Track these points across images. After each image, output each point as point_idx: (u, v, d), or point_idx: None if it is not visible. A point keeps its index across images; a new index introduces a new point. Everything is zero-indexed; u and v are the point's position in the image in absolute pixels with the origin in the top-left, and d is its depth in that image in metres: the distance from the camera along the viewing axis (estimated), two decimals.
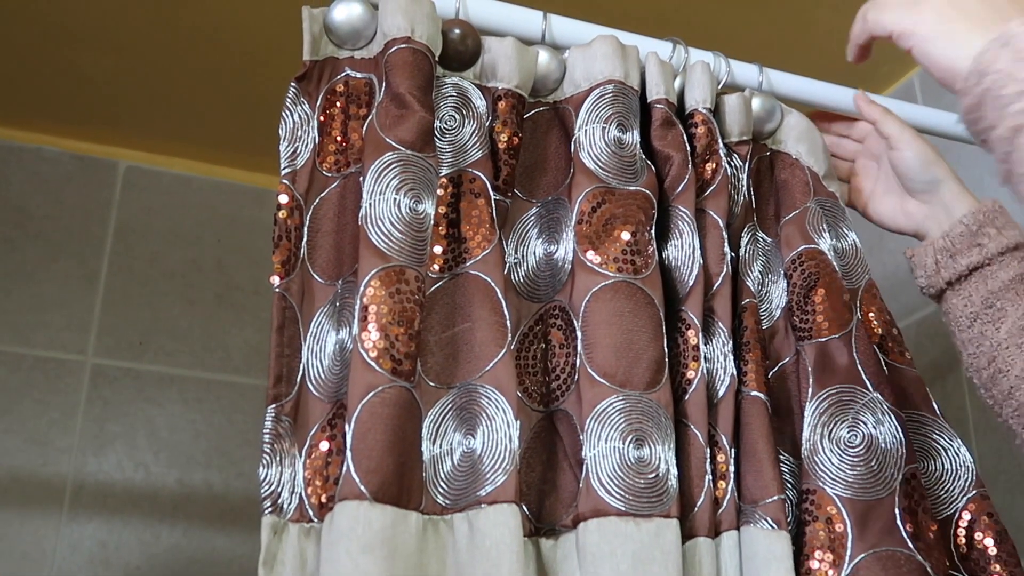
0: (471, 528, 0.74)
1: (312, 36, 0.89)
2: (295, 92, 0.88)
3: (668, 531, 0.77)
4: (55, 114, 1.74)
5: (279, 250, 0.84)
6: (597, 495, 0.76)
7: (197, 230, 1.84)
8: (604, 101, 0.91)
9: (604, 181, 0.88)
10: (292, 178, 0.86)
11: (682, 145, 0.92)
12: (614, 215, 0.86)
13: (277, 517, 0.77)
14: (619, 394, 0.80)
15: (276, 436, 0.79)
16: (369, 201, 0.79)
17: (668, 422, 0.81)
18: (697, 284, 0.88)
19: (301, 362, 0.82)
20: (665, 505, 0.77)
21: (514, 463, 0.76)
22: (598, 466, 0.77)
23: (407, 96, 0.83)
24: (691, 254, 0.89)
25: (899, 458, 0.87)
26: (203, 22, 1.51)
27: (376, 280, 0.77)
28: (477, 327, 0.81)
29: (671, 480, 0.79)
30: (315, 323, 0.82)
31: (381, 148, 0.81)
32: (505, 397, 0.78)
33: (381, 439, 0.73)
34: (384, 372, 0.74)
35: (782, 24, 1.50)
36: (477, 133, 0.88)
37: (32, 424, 1.65)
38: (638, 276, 0.85)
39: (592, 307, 0.83)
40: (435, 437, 0.79)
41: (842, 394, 0.89)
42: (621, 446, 0.78)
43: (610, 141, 0.89)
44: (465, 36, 0.90)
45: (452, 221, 0.85)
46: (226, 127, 1.77)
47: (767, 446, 0.85)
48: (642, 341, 0.82)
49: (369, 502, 0.71)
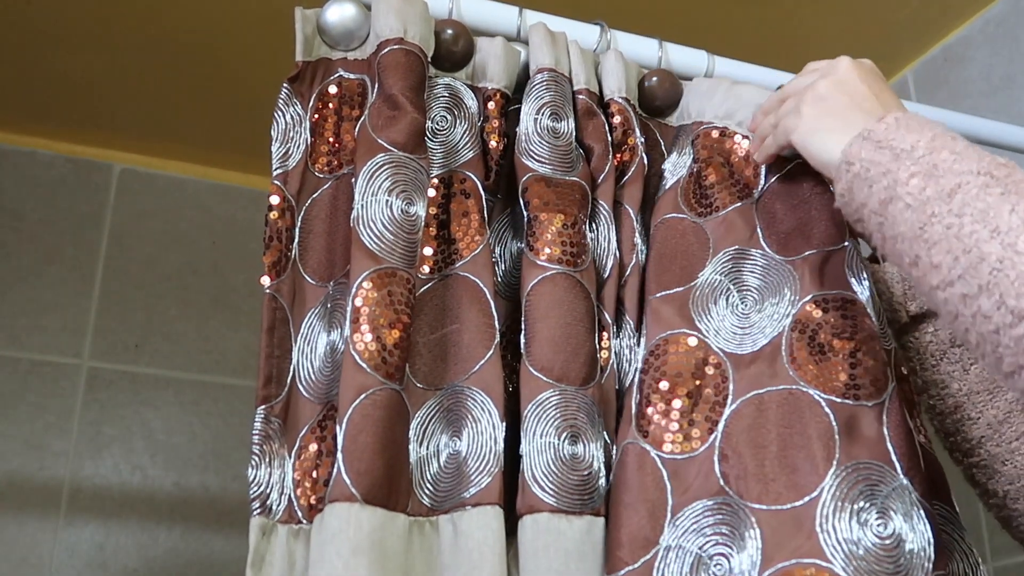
0: (455, 530, 0.74)
1: (305, 37, 0.89)
2: (287, 93, 0.88)
3: (597, 529, 0.77)
4: (49, 117, 1.74)
5: (270, 251, 0.83)
6: (531, 491, 0.76)
7: (192, 233, 1.83)
8: (538, 90, 0.90)
9: (540, 172, 0.87)
10: (284, 179, 0.86)
11: (603, 136, 0.91)
12: (551, 206, 0.85)
13: (266, 518, 0.77)
14: (555, 388, 0.79)
15: (265, 437, 0.79)
16: (361, 203, 0.79)
17: (600, 419, 0.80)
18: (611, 278, 0.87)
19: (292, 363, 0.81)
20: (596, 503, 0.77)
21: (499, 465, 0.76)
22: (533, 461, 0.76)
23: (399, 97, 0.83)
24: (607, 247, 0.88)
25: (926, 560, 0.73)
26: (197, 24, 1.50)
27: (368, 282, 0.76)
28: (465, 328, 0.81)
29: (601, 478, 0.78)
30: (306, 324, 0.82)
31: (373, 149, 0.81)
32: (491, 399, 0.78)
33: (372, 441, 0.72)
34: (376, 374, 0.74)
35: (772, 23, 1.50)
36: (469, 133, 0.88)
37: (28, 428, 1.65)
38: (576, 268, 0.84)
39: (531, 300, 0.82)
40: (422, 439, 0.78)
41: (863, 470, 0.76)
42: (556, 442, 0.77)
43: (544, 130, 0.88)
44: (458, 37, 0.90)
45: (443, 223, 0.85)
46: (221, 129, 1.76)
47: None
48: (580, 335, 0.81)
49: (360, 504, 0.71)
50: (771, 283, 0.85)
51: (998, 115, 1.33)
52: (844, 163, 0.71)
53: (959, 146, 0.67)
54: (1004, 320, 0.57)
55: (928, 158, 0.66)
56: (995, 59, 1.44)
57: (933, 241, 0.62)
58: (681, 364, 0.82)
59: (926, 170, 0.65)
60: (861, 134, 0.71)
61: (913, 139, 0.68)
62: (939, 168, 0.65)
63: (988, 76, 1.45)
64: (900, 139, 0.69)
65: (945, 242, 0.62)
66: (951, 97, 1.48)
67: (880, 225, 0.68)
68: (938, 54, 1.54)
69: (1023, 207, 0.59)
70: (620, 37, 0.99)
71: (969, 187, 0.62)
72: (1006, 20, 1.43)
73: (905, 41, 1.54)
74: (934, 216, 0.63)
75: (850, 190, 0.71)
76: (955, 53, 1.51)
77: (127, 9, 1.47)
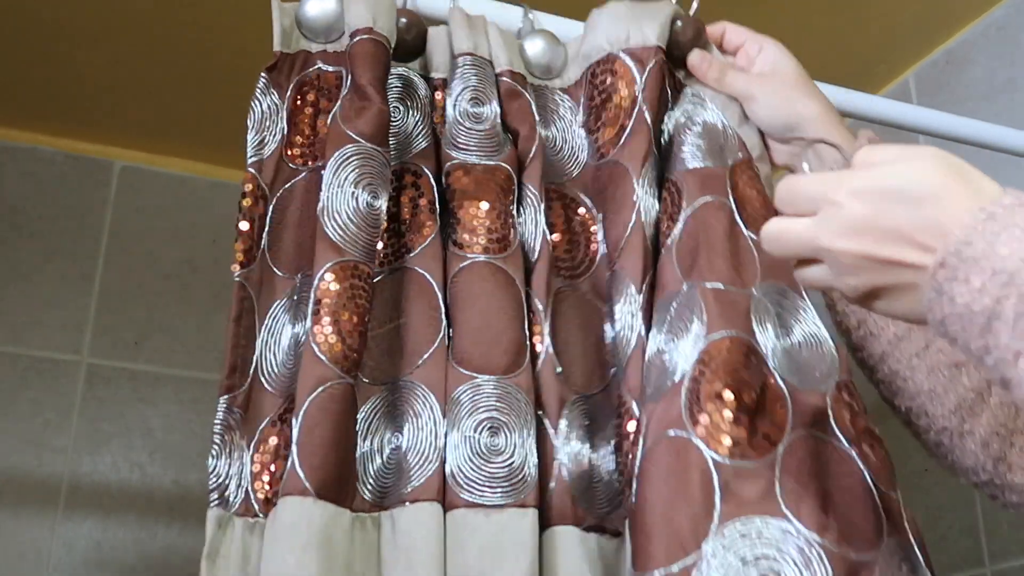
0: (394, 526, 0.74)
1: (283, 28, 0.88)
2: (265, 82, 0.88)
3: (522, 521, 0.74)
4: (50, 114, 1.74)
5: (241, 239, 0.84)
6: (450, 487, 0.74)
7: (193, 230, 1.83)
8: (460, 76, 0.88)
9: (461, 158, 0.85)
10: (258, 167, 0.86)
11: (528, 117, 0.89)
12: (470, 192, 0.84)
13: (223, 510, 0.76)
14: (475, 379, 0.77)
15: (227, 427, 0.78)
16: (327, 194, 0.78)
17: (529, 408, 0.78)
18: (541, 261, 0.84)
19: (255, 354, 0.81)
20: (521, 494, 0.75)
21: (439, 461, 0.75)
22: (452, 456, 0.75)
23: (368, 88, 0.82)
24: (534, 230, 0.85)
25: None
26: (198, 21, 1.50)
27: (330, 274, 0.76)
28: (412, 322, 0.80)
29: (529, 468, 0.76)
30: (271, 315, 0.82)
31: (342, 140, 0.80)
32: (434, 394, 0.77)
33: (328, 435, 0.72)
34: (334, 367, 0.73)
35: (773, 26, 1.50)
36: (422, 123, 0.87)
37: (27, 424, 1.65)
38: (498, 256, 0.82)
39: (453, 291, 0.81)
40: (366, 434, 0.77)
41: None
42: (473, 435, 0.76)
43: (464, 116, 0.87)
44: (411, 26, 0.89)
45: (393, 216, 0.84)
46: (222, 127, 1.76)
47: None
48: (500, 323, 0.79)
49: (313, 499, 0.70)
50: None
51: (1000, 119, 1.32)
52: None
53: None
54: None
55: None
56: (997, 63, 1.44)
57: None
58: (748, 371, 0.77)
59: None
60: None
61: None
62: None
63: (990, 80, 1.44)
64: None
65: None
66: (953, 100, 1.48)
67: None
68: (940, 57, 1.54)
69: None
70: (543, 18, 0.96)
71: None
72: (1008, 24, 1.43)
73: (907, 44, 1.54)
74: None
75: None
76: (957, 57, 1.51)
77: (128, 6, 1.47)
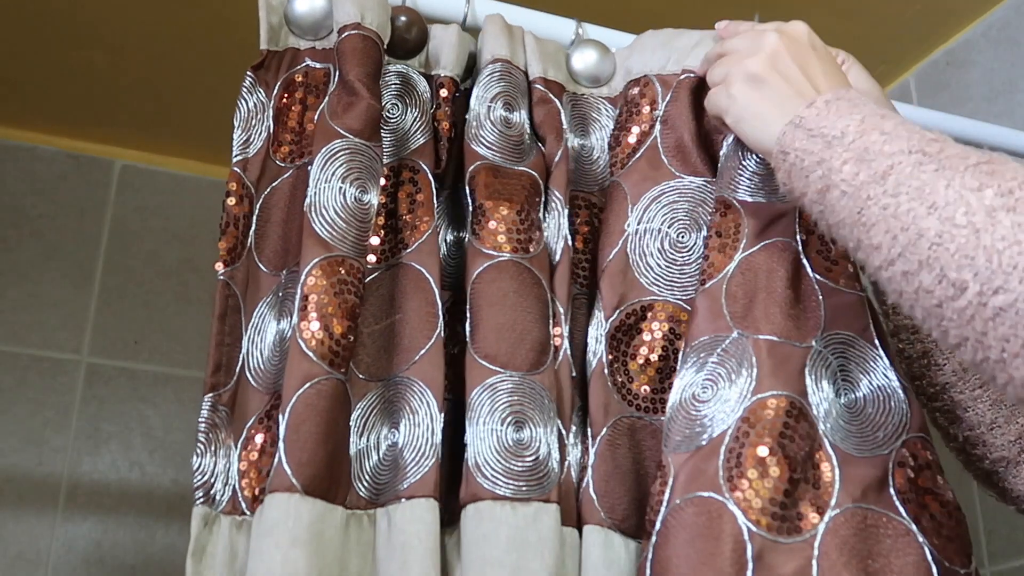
0: (390, 523, 0.73)
1: (270, 25, 0.88)
2: (251, 80, 0.88)
3: (546, 516, 0.74)
4: (50, 113, 1.74)
5: (225, 237, 0.83)
6: (474, 479, 0.74)
7: (192, 229, 1.83)
8: (491, 80, 0.89)
9: (490, 160, 0.86)
10: (243, 166, 0.86)
11: (556, 125, 0.90)
12: (499, 194, 0.84)
13: (209, 508, 0.76)
14: (500, 375, 0.77)
15: (212, 426, 0.78)
16: (315, 189, 0.78)
17: (552, 405, 0.78)
18: (562, 264, 0.85)
19: (241, 352, 0.81)
20: (545, 489, 0.75)
21: (436, 456, 0.75)
22: (476, 449, 0.75)
23: (356, 83, 0.82)
24: (557, 234, 0.86)
25: None
26: (199, 20, 1.50)
27: (318, 269, 0.76)
28: (408, 318, 0.80)
29: (553, 464, 0.76)
30: (257, 313, 0.82)
31: (330, 135, 0.80)
32: (430, 390, 0.77)
33: (315, 432, 0.72)
34: (321, 363, 0.73)
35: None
36: (420, 120, 0.87)
37: (27, 423, 1.65)
38: (525, 256, 0.83)
39: (476, 288, 0.81)
40: (362, 431, 0.77)
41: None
42: (500, 428, 0.76)
43: (496, 120, 0.88)
44: (411, 24, 0.90)
45: (391, 211, 0.84)
46: (222, 126, 1.76)
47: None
48: (527, 322, 0.80)
49: (300, 495, 0.70)
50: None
51: (1000, 119, 1.32)
52: (780, 153, 0.73)
53: (889, 125, 0.67)
54: (946, 293, 0.57)
55: (859, 142, 0.67)
56: (997, 63, 1.44)
57: (871, 223, 0.63)
58: (796, 436, 0.74)
59: (858, 155, 0.66)
60: (793, 121, 0.72)
61: (843, 124, 0.69)
62: (870, 151, 0.66)
63: (990, 80, 1.44)
64: (830, 125, 0.70)
65: (883, 223, 0.62)
66: (953, 101, 1.48)
67: (822, 213, 0.69)
68: (940, 58, 1.54)
69: (958, 181, 0.60)
70: (592, 30, 0.98)
71: (902, 166, 0.63)
72: (1009, 24, 1.43)
73: (908, 45, 1.54)
74: (870, 199, 0.64)
75: (789, 180, 0.72)
76: (957, 57, 1.51)
77: (131, 5, 1.47)
